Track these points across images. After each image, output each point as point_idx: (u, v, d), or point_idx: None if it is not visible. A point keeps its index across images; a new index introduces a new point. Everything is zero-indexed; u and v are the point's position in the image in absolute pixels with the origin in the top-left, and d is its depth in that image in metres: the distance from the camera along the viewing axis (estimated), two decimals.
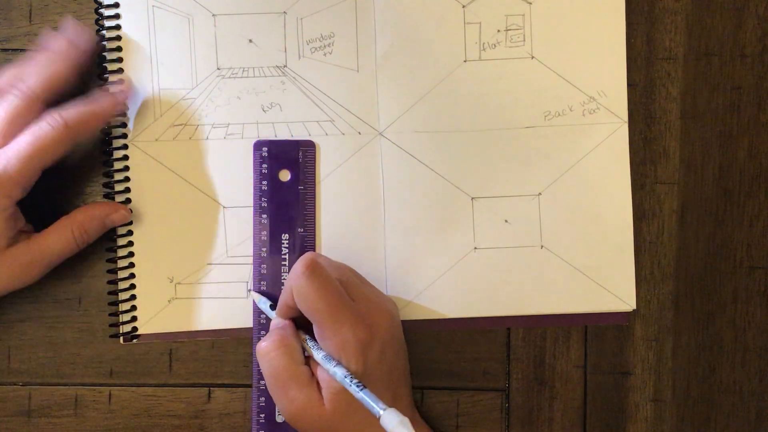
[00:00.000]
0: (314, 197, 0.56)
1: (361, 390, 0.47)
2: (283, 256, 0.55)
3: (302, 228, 0.55)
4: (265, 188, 0.55)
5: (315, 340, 0.51)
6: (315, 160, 0.56)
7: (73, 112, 0.51)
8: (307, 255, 0.50)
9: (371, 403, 0.46)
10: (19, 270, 0.51)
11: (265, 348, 0.51)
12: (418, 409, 0.55)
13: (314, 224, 0.56)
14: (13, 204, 0.50)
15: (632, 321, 0.56)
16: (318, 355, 0.50)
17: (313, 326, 0.50)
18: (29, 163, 0.50)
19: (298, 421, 0.50)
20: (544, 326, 0.56)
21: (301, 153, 0.56)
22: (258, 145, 0.55)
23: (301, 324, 0.52)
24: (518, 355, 0.56)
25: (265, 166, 0.55)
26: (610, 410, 0.56)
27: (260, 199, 0.55)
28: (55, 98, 0.52)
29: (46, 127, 0.50)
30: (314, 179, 0.56)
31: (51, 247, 0.52)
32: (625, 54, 0.56)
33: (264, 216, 0.55)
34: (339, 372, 0.48)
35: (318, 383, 0.50)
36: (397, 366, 0.52)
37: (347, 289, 0.50)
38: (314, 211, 0.56)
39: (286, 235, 0.55)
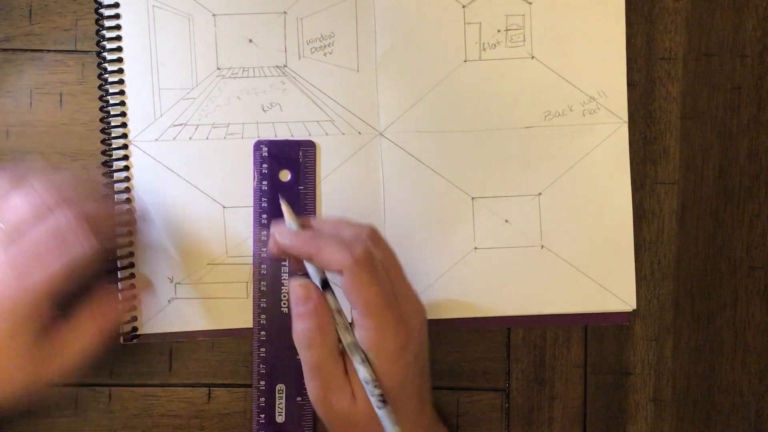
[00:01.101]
0: (314, 197, 0.56)
1: (382, 407, 0.46)
2: (282, 257, 0.55)
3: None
4: (266, 188, 0.55)
5: (342, 316, 0.49)
6: (315, 161, 0.56)
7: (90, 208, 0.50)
8: (364, 241, 0.48)
9: (388, 423, 0.46)
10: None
11: (304, 338, 0.48)
12: None
13: None
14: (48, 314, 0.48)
15: (632, 321, 0.56)
16: (346, 340, 0.48)
17: (352, 311, 0.48)
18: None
19: (326, 411, 0.48)
20: (544, 326, 0.56)
21: (301, 153, 0.56)
22: (258, 145, 0.55)
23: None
24: (518, 355, 0.56)
25: (265, 166, 0.55)
26: (610, 410, 0.56)
27: (260, 200, 0.55)
28: None
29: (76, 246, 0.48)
30: (314, 179, 0.56)
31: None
32: (625, 54, 0.56)
33: (264, 216, 0.55)
34: (362, 372, 0.47)
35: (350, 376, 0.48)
36: (425, 370, 0.51)
37: (392, 284, 0.48)
38: (314, 211, 0.56)
39: None
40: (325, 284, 0.49)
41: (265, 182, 0.55)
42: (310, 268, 0.50)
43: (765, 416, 0.56)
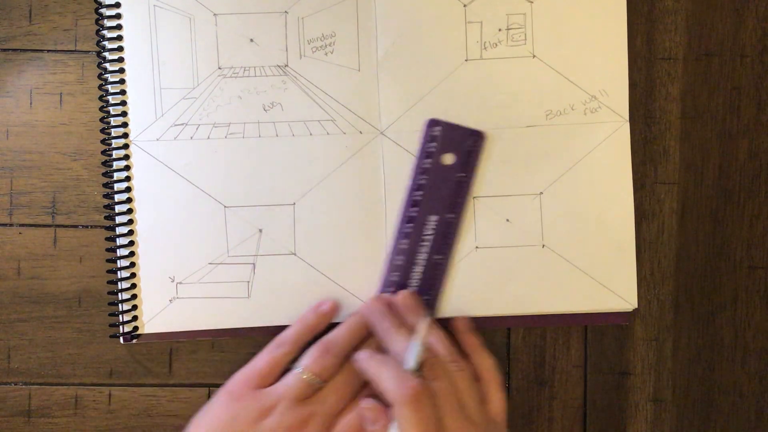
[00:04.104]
0: (470, 186, 0.55)
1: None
2: (424, 237, 0.55)
3: (452, 213, 0.55)
4: (427, 166, 0.55)
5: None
6: (480, 151, 0.55)
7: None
8: (413, 386, 0.49)
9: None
10: None
11: None
12: None
13: (462, 212, 0.55)
14: None
15: (632, 321, 0.56)
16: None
17: None
18: None
19: None
20: (545, 326, 0.56)
21: (471, 141, 0.55)
22: (432, 123, 0.55)
23: None
24: (518, 355, 0.56)
25: (433, 144, 0.55)
26: (610, 410, 0.56)
27: (419, 176, 0.55)
28: None
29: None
30: (475, 169, 0.55)
31: None
32: (627, 52, 0.56)
33: (417, 194, 0.55)
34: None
35: None
36: None
37: (443, 417, 0.49)
38: (466, 200, 0.55)
39: (435, 217, 0.55)
40: None
41: (429, 160, 0.55)
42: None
43: (765, 416, 0.56)
